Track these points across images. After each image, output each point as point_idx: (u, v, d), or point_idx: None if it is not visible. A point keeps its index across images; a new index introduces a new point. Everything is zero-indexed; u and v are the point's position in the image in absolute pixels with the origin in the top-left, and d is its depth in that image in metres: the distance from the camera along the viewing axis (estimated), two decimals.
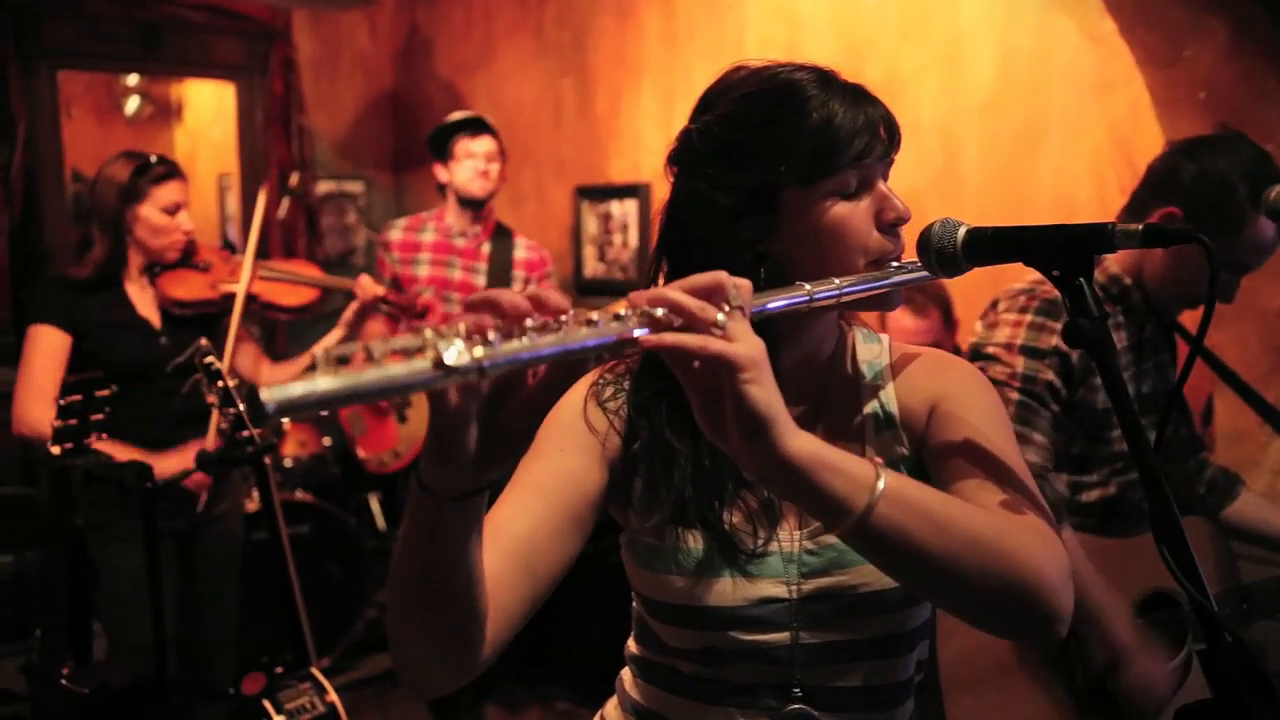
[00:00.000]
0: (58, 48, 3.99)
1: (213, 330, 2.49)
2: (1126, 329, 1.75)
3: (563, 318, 0.69)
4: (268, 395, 0.56)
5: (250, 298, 2.61)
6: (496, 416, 0.75)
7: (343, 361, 0.60)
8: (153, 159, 2.47)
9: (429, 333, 0.63)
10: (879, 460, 0.82)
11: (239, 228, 4.78)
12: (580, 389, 1.04)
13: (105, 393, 2.12)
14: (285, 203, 4.32)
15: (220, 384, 2.22)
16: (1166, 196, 1.67)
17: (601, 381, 1.05)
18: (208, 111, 5.69)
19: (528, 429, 0.76)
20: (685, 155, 0.99)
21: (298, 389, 0.57)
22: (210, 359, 2.24)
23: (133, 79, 5.70)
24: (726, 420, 0.75)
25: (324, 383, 0.58)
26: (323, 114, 4.63)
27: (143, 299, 2.50)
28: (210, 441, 2.39)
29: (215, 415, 2.37)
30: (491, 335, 0.65)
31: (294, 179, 4.31)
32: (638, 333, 0.72)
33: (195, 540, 2.54)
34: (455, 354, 0.62)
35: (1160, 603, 1.66)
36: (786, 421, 0.75)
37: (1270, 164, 1.65)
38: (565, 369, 0.74)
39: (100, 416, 2.12)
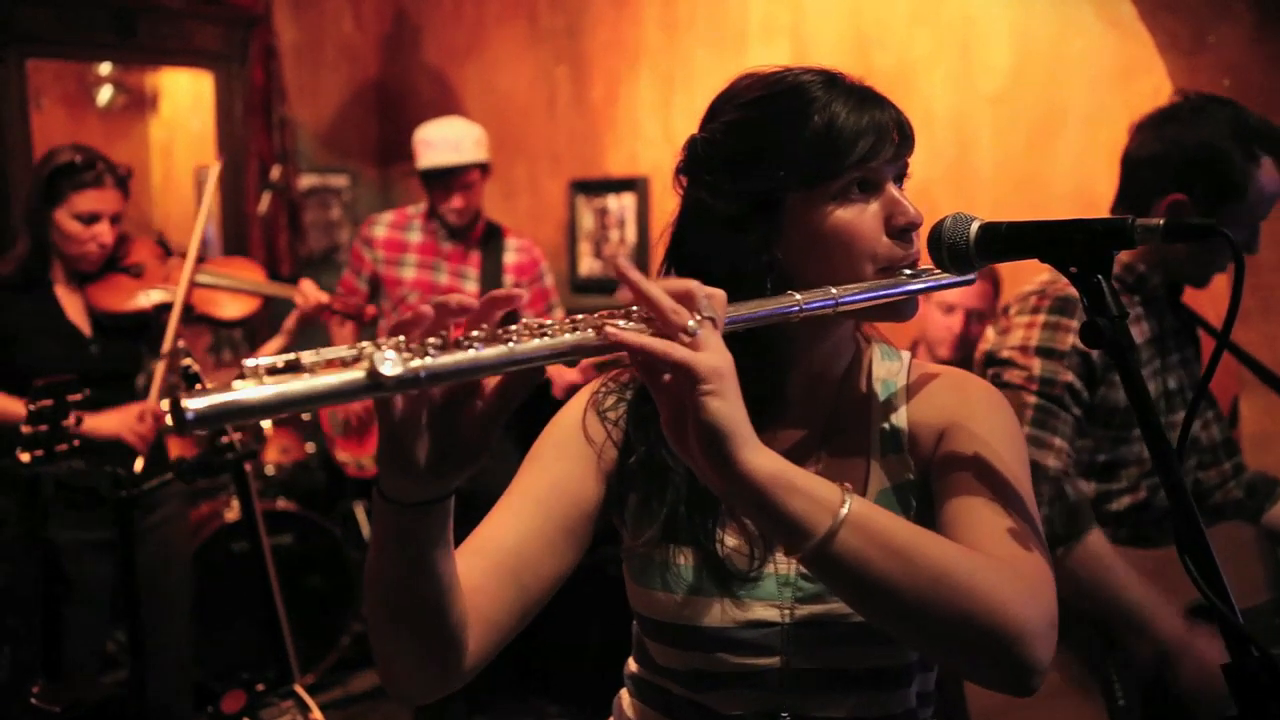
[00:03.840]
0: (27, 34, 3.91)
1: (148, 337, 2.38)
2: (1147, 321, 1.71)
3: (514, 327, 0.69)
4: (188, 402, 0.56)
5: (187, 309, 2.46)
6: (452, 425, 0.75)
7: (274, 372, 0.59)
8: (78, 160, 2.31)
9: (367, 344, 0.63)
10: (848, 485, 0.79)
11: (218, 224, 4.67)
12: (582, 397, 1.03)
13: (78, 397, 2.05)
14: (266, 197, 4.22)
15: (198, 388, 2.12)
16: (1165, 184, 1.64)
17: (604, 390, 1.03)
18: (185, 102, 5.62)
19: (485, 438, 0.75)
20: (691, 164, 0.98)
21: (221, 397, 0.57)
22: (188, 362, 2.15)
23: (105, 68, 5.61)
24: (689, 433, 0.74)
25: (249, 392, 0.58)
26: (305, 104, 4.57)
27: (72, 303, 2.38)
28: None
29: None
30: (433, 343, 0.65)
31: (275, 172, 4.23)
32: (596, 339, 0.72)
33: (130, 559, 2.38)
34: (390, 365, 0.62)
35: (1204, 616, 1.61)
36: (747, 437, 0.74)
37: (1244, 112, 1.65)
38: (521, 377, 0.73)
39: (72, 422, 2.06)
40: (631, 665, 1.08)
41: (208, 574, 3.12)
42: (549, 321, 0.70)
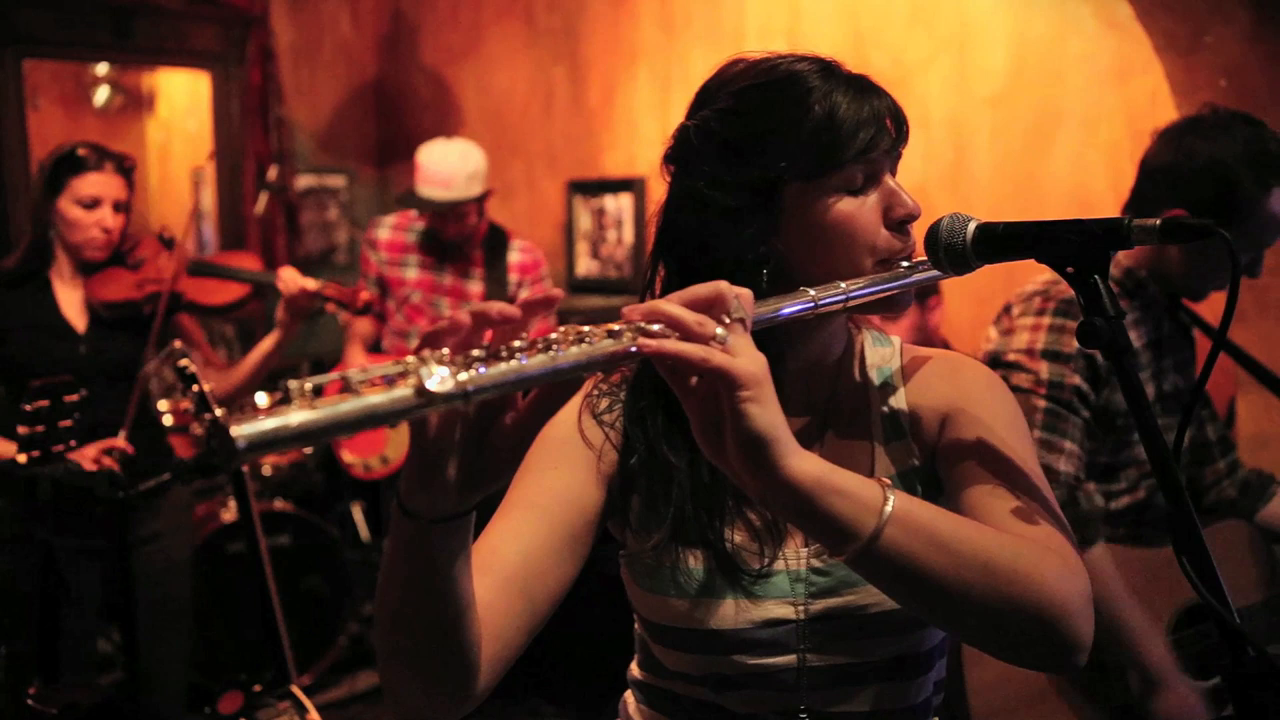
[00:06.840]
0: (24, 35, 3.91)
1: (145, 334, 2.36)
2: (1144, 325, 1.70)
3: (553, 336, 0.67)
4: (238, 431, 0.54)
5: (176, 296, 2.44)
6: (483, 437, 0.73)
7: (318, 392, 0.57)
8: (80, 151, 2.32)
9: (411, 359, 0.62)
10: (886, 481, 0.78)
11: (215, 224, 4.67)
12: (574, 401, 1.02)
13: (74, 397, 2.04)
14: (263, 198, 4.20)
15: (195, 388, 2.12)
16: (1170, 196, 1.63)
17: (597, 393, 1.01)
18: (182, 102, 5.61)
19: (517, 450, 0.74)
20: (682, 153, 0.96)
21: (269, 423, 0.55)
22: (184, 362, 2.14)
23: (102, 68, 5.60)
24: (726, 440, 0.73)
25: (298, 416, 0.56)
26: (302, 105, 4.56)
27: (70, 300, 2.38)
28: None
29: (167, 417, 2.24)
30: (477, 355, 0.64)
31: (272, 173, 4.20)
32: (634, 348, 0.70)
33: (126, 563, 2.37)
34: (438, 380, 0.60)
35: (1204, 616, 1.62)
36: (789, 441, 0.73)
37: (1267, 136, 1.62)
38: (557, 387, 0.72)
39: (69, 423, 2.04)
40: (635, 670, 1.07)
41: (205, 575, 3.13)
42: (588, 329, 0.69)
